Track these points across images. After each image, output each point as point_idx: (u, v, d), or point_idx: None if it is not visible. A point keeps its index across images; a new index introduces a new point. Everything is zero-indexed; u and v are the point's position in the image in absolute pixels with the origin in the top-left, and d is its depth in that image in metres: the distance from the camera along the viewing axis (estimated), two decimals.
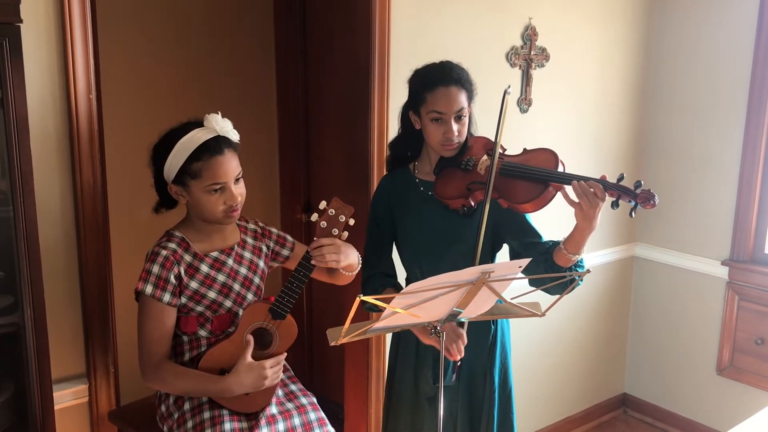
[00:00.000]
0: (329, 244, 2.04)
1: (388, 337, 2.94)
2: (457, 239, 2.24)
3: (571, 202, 2.00)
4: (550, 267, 2.07)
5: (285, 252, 2.29)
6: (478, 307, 1.90)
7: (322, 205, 2.04)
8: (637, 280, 3.99)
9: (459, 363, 2.18)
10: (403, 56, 2.77)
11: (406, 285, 2.36)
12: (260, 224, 2.30)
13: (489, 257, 2.31)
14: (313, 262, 2.05)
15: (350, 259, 2.13)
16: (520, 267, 1.81)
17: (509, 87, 2.14)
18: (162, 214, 2.16)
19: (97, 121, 2.25)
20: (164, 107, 3.46)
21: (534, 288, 2.04)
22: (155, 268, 2.03)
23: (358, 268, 2.23)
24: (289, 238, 2.32)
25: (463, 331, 2.11)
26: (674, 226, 3.78)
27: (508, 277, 1.80)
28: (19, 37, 1.74)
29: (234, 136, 2.08)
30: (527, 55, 3.19)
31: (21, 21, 1.74)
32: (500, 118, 2.08)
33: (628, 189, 1.93)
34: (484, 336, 2.33)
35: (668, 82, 3.72)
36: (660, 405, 3.97)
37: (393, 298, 1.70)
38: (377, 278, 2.32)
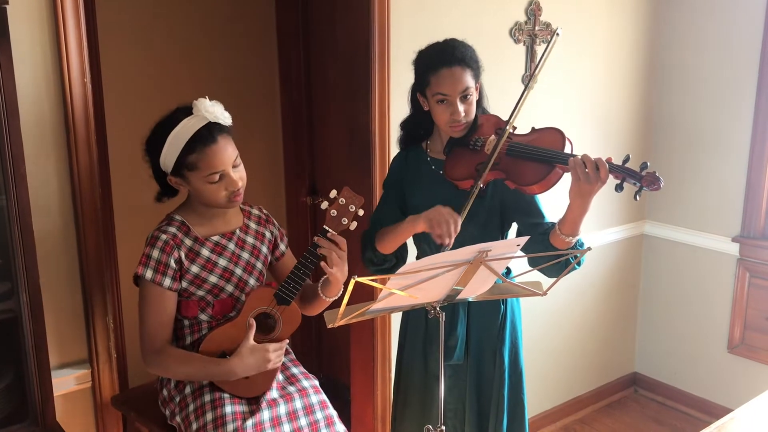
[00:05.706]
0: (343, 252, 2.01)
1: (394, 318, 2.92)
2: (466, 219, 2.21)
3: None
4: (547, 249, 2.05)
5: (282, 247, 2.27)
6: (478, 286, 1.87)
7: (333, 193, 2.01)
8: (647, 259, 3.94)
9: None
10: (404, 35, 2.72)
11: None
12: (264, 211, 2.27)
13: (499, 236, 2.29)
14: (320, 251, 2.01)
15: (343, 276, 2.07)
16: (518, 246, 1.78)
17: (559, 28, 2.09)
18: (165, 203, 2.14)
19: (93, 105, 2.22)
20: (169, 89, 3.44)
21: (532, 268, 2.01)
22: (155, 253, 2.01)
23: (338, 296, 2.17)
24: (286, 237, 2.30)
25: (458, 217, 2.02)
26: (684, 204, 3.73)
27: (506, 256, 1.77)
28: (5, 19, 1.73)
29: (226, 120, 2.01)
30: (531, 31, 3.14)
31: (7, 2, 1.72)
32: (530, 79, 2.05)
33: (633, 171, 1.88)
34: (494, 315, 2.31)
35: (677, 58, 3.65)
36: (671, 384, 3.94)
37: (388, 279, 1.68)
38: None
